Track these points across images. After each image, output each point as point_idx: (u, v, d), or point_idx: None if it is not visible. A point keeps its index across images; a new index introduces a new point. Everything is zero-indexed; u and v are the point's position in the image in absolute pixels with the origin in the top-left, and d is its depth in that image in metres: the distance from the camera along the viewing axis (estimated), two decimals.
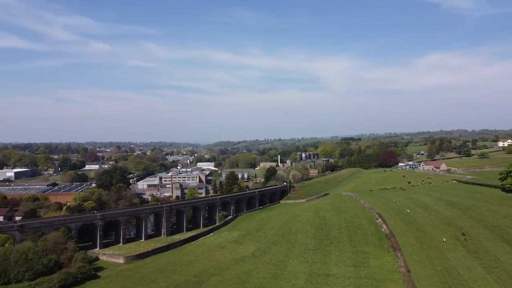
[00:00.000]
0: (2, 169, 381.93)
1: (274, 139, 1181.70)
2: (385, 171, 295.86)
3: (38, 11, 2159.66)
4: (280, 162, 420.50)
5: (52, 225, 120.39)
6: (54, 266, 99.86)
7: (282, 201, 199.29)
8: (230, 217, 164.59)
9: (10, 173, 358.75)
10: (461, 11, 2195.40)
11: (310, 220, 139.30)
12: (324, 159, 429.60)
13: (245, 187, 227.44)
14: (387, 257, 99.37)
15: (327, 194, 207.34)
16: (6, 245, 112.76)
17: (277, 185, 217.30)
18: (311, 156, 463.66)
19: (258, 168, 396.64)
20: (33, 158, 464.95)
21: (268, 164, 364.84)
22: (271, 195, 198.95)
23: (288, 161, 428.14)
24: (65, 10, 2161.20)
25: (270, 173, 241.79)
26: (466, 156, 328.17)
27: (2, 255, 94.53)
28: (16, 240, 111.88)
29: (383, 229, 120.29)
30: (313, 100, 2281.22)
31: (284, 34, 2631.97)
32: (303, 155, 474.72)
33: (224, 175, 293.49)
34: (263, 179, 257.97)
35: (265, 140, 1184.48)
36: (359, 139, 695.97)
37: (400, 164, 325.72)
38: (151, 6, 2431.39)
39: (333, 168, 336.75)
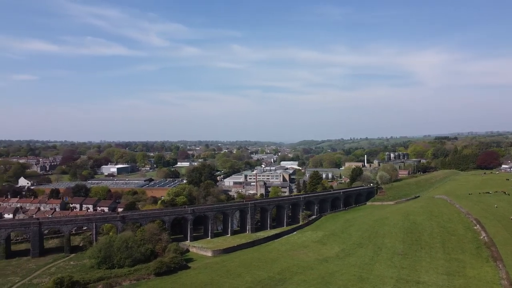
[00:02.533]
0: (106, 165, 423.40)
1: (360, 138, 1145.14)
2: (485, 173, 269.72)
3: (136, 20, 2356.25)
4: (366, 162, 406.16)
5: (149, 217, 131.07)
6: (150, 255, 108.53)
7: (368, 203, 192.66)
8: (313, 216, 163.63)
9: (113, 168, 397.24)
10: None
11: (399, 224, 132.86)
12: (415, 159, 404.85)
13: (329, 187, 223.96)
14: (486, 268, 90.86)
15: (418, 196, 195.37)
16: (110, 233, 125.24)
17: (363, 186, 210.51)
18: (401, 157, 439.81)
19: (343, 168, 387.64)
20: (132, 155, 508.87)
21: (353, 164, 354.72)
22: (356, 196, 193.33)
23: (375, 161, 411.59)
24: (159, 18, 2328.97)
25: (356, 174, 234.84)
26: None
27: (107, 242, 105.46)
28: (118, 229, 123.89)
29: (481, 237, 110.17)
30: (403, 96, 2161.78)
31: (372, 29, 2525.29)
32: (392, 155, 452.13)
33: (307, 175, 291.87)
34: (348, 180, 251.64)
35: (351, 139, 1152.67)
36: (455, 138, 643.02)
37: (504, 166, 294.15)
38: (238, 9, 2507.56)
39: (425, 169, 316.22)
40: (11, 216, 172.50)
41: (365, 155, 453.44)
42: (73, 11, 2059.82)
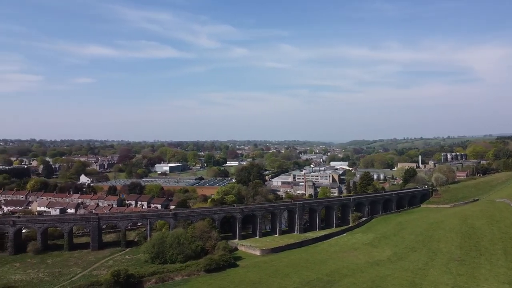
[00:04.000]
0: (159, 163, 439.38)
1: (414, 138, 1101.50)
2: None
3: (188, 23, 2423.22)
4: (421, 163, 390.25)
5: (199, 215, 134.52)
6: (201, 252, 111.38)
7: (422, 205, 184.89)
8: (364, 218, 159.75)
9: (166, 167, 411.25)
10: None
11: (456, 228, 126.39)
12: (474, 160, 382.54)
13: (380, 188, 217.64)
14: None
15: (477, 200, 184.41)
16: (163, 230, 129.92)
17: (417, 187, 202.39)
18: (458, 157, 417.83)
19: (395, 168, 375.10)
20: (183, 154, 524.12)
21: (407, 165, 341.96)
22: (410, 198, 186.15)
23: (431, 162, 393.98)
24: (210, 21, 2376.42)
25: (409, 175, 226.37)
26: None
27: (160, 238, 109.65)
28: (170, 226, 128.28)
29: None
30: (461, 94, 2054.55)
31: (427, 24, 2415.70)
32: (449, 155, 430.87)
33: (358, 175, 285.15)
34: (401, 181, 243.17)
35: (405, 139, 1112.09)
36: None
37: None
38: (286, 8, 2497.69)
39: (485, 171, 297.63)
40: (73, 211, 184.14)
41: (420, 156, 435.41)
42: (129, 16, 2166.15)
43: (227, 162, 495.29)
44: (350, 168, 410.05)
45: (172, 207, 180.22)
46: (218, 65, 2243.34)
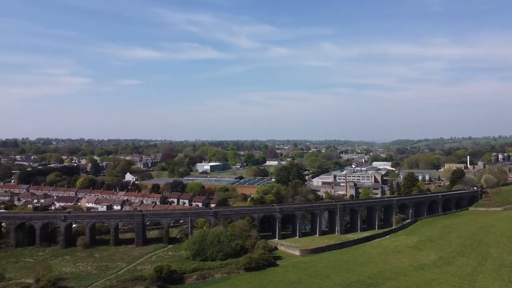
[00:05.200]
0: (201, 162, 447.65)
1: (462, 138, 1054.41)
2: None
3: (228, 24, 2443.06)
4: (469, 164, 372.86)
5: (239, 214, 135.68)
6: (240, 250, 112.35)
7: (471, 208, 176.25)
8: (408, 220, 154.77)
9: (207, 166, 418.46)
10: None
11: (508, 232, 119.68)
12: None
13: (425, 189, 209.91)
14: None
15: None
16: (204, 227, 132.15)
17: (465, 189, 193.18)
18: (511, 158, 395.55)
19: (441, 169, 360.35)
20: (224, 154, 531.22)
21: (454, 166, 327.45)
22: (457, 201, 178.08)
23: (480, 163, 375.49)
24: (250, 21, 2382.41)
25: (457, 176, 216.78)
26: None
27: (201, 235, 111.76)
28: (211, 224, 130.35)
29: None
30: None
31: (476, 17, 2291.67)
32: (500, 156, 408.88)
33: (402, 176, 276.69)
34: (447, 182, 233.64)
35: (452, 139, 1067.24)
36: None
37: None
38: (328, 6, 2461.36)
39: None
40: (119, 207, 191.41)
41: (468, 156, 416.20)
42: (172, 19, 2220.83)
43: (267, 162, 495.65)
44: (394, 169, 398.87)
45: (212, 205, 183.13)
46: (258, 65, 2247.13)
